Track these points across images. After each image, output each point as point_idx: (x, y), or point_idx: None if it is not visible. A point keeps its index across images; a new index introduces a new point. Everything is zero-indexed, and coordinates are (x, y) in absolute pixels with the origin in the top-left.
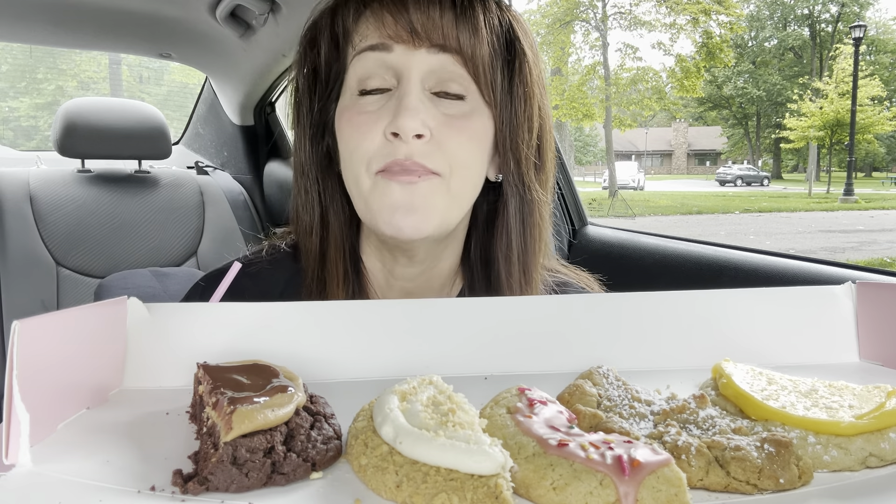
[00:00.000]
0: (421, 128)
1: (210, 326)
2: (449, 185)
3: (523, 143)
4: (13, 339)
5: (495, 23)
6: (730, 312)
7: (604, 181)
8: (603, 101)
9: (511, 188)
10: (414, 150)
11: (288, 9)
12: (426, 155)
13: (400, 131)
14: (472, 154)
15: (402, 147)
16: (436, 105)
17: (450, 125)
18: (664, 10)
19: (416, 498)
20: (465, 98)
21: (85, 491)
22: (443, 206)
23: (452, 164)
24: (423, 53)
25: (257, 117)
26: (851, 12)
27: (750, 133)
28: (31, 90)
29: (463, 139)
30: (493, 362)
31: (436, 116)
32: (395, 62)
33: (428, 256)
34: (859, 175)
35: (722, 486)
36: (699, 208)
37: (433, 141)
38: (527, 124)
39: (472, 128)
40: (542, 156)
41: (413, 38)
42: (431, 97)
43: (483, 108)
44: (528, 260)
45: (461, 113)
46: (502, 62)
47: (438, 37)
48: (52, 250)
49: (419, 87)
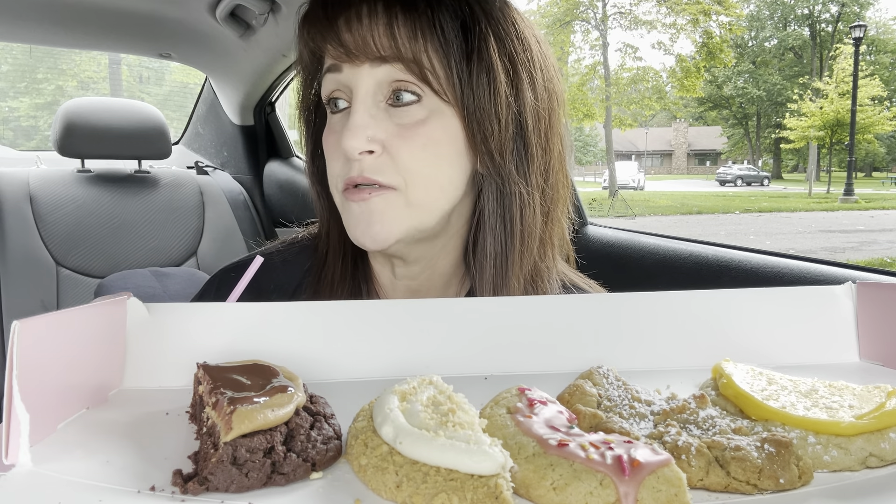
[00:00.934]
0: (366, 145)
1: (210, 326)
2: (406, 197)
3: (491, 136)
4: (13, 339)
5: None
6: (730, 312)
7: (604, 181)
8: (603, 101)
9: (490, 183)
10: (365, 167)
11: (288, 9)
12: (377, 170)
13: (345, 151)
14: (428, 162)
15: (355, 164)
16: (390, 116)
17: (402, 136)
18: (664, 10)
19: (416, 498)
20: (421, 100)
21: (85, 491)
22: (403, 216)
23: (406, 176)
24: (367, 68)
25: (257, 117)
26: (851, 12)
27: (750, 133)
28: (31, 90)
29: (416, 148)
30: (493, 362)
31: (387, 129)
32: (345, 80)
33: (421, 257)
34: (859, 175)
35: (722, 486)
36: (699, 208)
37: (385, 154)
38: (494, 116)
39: (428, 134)
40: (527, 146)
41: (350, 57)
42: (386, 108)
43: (442, 107)
44: (506, 258)
45: (415, 120)
46: (459, 55)
47: (373, 51)
48: (52, 250)
49: (369, 102)
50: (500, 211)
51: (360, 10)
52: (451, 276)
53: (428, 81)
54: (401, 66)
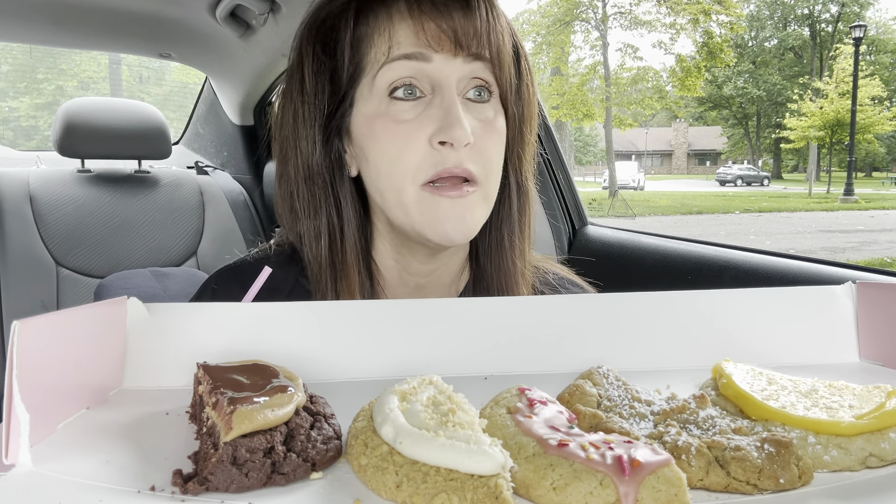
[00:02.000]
0: (471, 136)
1: (210, 326)
2: (486, 191)
3: (525, 138)
4: (13, 339)
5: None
6: (730, 312)
7: (604, 181)
8: (603, 101)
9: (514, 180)
10: (463, 157)
11: (288, 9)
12: (471, 160)
13: (454, 141)
14: (500, 155)
15: (452, 155)
16: (469, 110)
17: (485, 130)
18: (664, 10)
19: (416, 498)
20: (490, 99)
21: (85, 491)
22: (483, 211)
23: (488, 168)
24: (460, 62)
25: (257, 117)
26: (851, 12)
27: (750, 133)
28: (31, 90)
29: (496, 143)
30: (493, 362)
31: (472, 123)
32: (432, 71)
33: (447, 253)
34: (859, 175)
35: (722, 486)
36: (699, 208)
37: (475, 147)
38: (530, 123)
39: (500, 130)
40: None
41: (455, 47)
42: (464, 101)
43: (500, 108)
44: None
45: (490, 116)
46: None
47: (475, 45)
48: (52, 250)
49: (458, 95)
50: (518, 205)
51: (469, 5)
52: (456, 274)
53: (501, 83)
54: (489, 65)
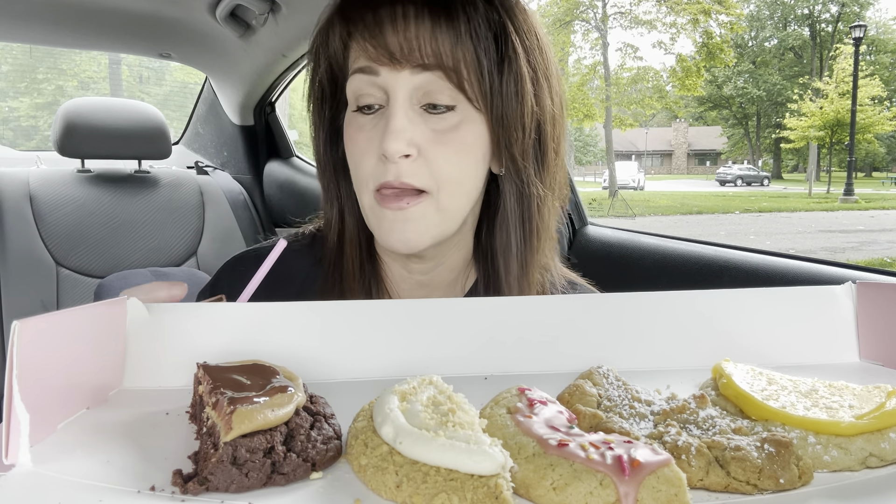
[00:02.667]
0: (406, 148)
1: (210, 326)
2: (438, 202)
3: (516, 142)
4: (13, 339)
5: (481, 24)
6: (730, 312)
7: (604, 181)
8: (603, 101)
9: (510, 184)
10: (402, 171)
11: (288, 9)
12: (413, 174)
13: (386, 153)
14: (460, 167)
15: (392, 168)
16: (425, 121)
17: (437, 140)
18: (664, 9)
19: (416, 498)
20: (455, 108)
21: (85, 491)
22: (434, 223)
23: (440, 181)
24: (407, 74)
25: (257, 117)
26: (851, 12)
27: (750, 133)
28: (31, 90)
29: (450, 153)
30: (493, 362)
31: (424, 133)
32: (382, 83)
33: (437, 255)
34: (859, 175)
35: (722, 486)
36: (699, 208)
37: (421, 158)
38: (519, 122)
39: (461, 139)
40: (544, 150)
41: (392, 62)
42: (421, 112)
43: (473, 114)
44: (526, 255)
45: (449, 126)
46: (490, 64)
47: (417, 57)
48: (52, 250)
49: (406, 106)
50: (520, 211)
51: (406, 14)
52: (459, 271)
53: (464, 90)
54: (441, 73)
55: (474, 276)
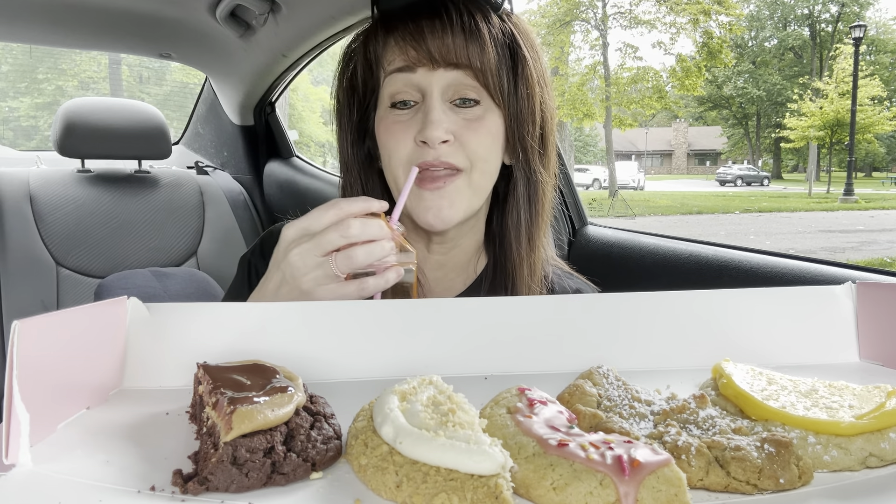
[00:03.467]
0: (445, 135)
1: (210, 326)
2: (470, 178)
3: (528, 135)
4: (13, 339)
5: (499, 35)
6: (730, 312)
7: (604, 181)
8: (603, 101)
9: (519, 172)
10: (440, 153)
11: (288, 9)
12: (450, 154)
13: (428, 140)
14: (488, 148)
15: (431, 151)
16: (456, 112)
17: (468, 127)
18: (664, 9)
19: (416, 498)
20: (480, 102)
21: (85, 491)
22: (467, 197)
23: (473, 159)
24: (441, 72)
25: (257, 117)
26: (851, 12)
27: (750, 133)
28: (31, 90)
29: (480, 137)
30: (493, 362)
31: (456, 122)
32: (418, 81)
33: (457, 235)
34: (859, 175)
35: (722, 486)
36: (699, 208)
37: (456, 143)
38: (530, 118)
39: (487, 127)
40: (545, 143)
41: (431, 62)
42: (451, 106)
43: (494, 108)
44: (532, 230)
45: (476, 116)
46: (507, 68)
47: (452, 58)
48: (52, 250)
49: (440, 101)
50: (527, 195)
51: (443, 23)
52: (472, 255)
53: (488, 87)
54: (469, 72)
55: (485, 260)
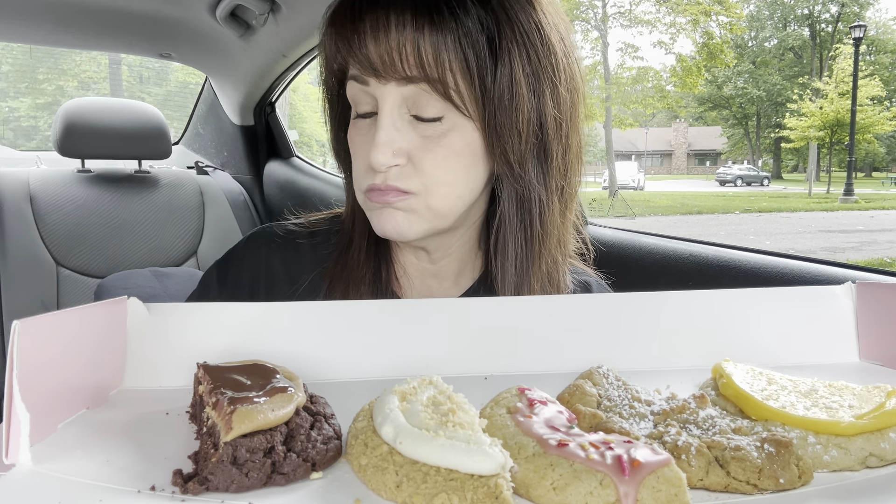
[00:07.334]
0: (392, 159)
1: (210, 326)
2: (426, 202)
3: (511, 149)
4: (13, 339)
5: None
6: (729, 312)
7: (604, 181)
8: (603, 101)
9: (507, 188)
10: (389, 176)
11: (288, 9)
12: (400, 178)
13: (373, 165)
14: (449, 171)
15: (379, 175)
16: (414, 128)
17: (425, 147)
18: (664, 9)
19: (416, 498)
20: (443, 118)
21: (85, 491)
22: (423, 217)
23: (427, 183)
24: (393, 86)
25: (257, 117)
26: (851, 12)
27: (750, 133)
28: (31, 90)
29: (438, 159)
30: (493, 362)
31: (412, 140)
32: (371, 91)
33: (441, 246)
34: (859, 175)
35: (722, 486)
36: (699, 208)
37: (409, 164)
38: (514, 128)
39: (449, 146)
40: (547, 152)
41: (377, 75)
42: (410, 119)
43: (462, 122)
44: (525, 259)
45: (438, 133)
46: (482, 69)
47: (400, 70)
48: (52, 250)
49: (394, 115)
50: (520, 215)
51: (387, 25)
52: (467, 262)
53: (451, 100)
54: (426, 85)
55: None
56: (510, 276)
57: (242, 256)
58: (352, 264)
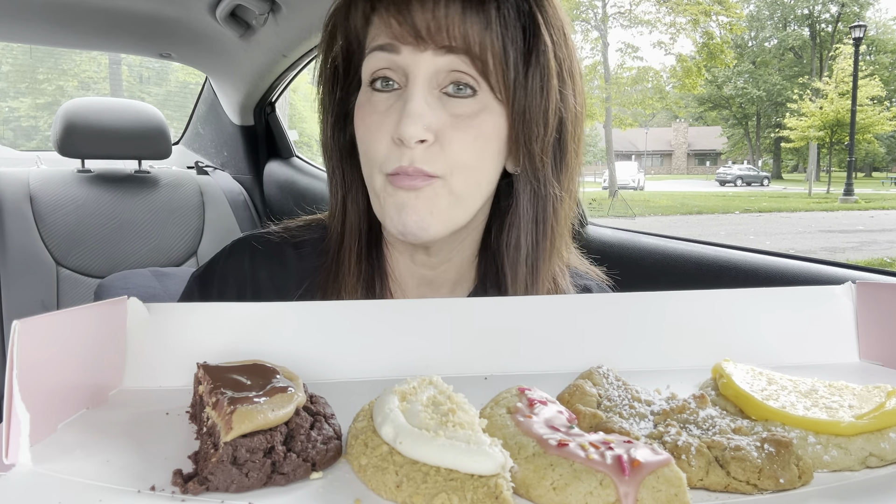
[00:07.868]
0: (423, 133)
1: (210, 326)
2: (451, 187)
3: (536, 139)
4: (13, 339)
5: (511, 15)
6: (730, 312)
7: (604, 181)
8: (603, 102)
9: (525, 183)
10: (416, 156)
11: (288, 9)
12: (427, 160)
13: (402, 138)
14: (476, 154)
15: (407, 153)
16: (444, 105)
17: (455, 126)
18: (664, 9)
19: (416, 498)
20: (476, 94)
21: (85, 491)
22: (446, 207)
23: (454, 166)
24: (430, 55)
25: (257, 117)
26: (851, 12)
27: (750, 133)
28: (31, 90)
29: (468, 140)
30: (493, 362)
31: (441, 117)
32: (402, 62)
33: (444, 248)
34: (859, 175)
35: (722, 486)
36: (699, 208)
37: (437, 143)
38: (542, 118)
39: (479, 127)
40: (563, 149)
41: (417, 41)
42: (440, 96)
43: (493, 104)
44: (537, 257)
45: (469, 112)
46: (517, 55)
47: (444, 38)
48: (52, 250)
49: (425, 89)
50: (533, 212)
51: None
52: (465, 271)
53: (487, 77)
54: (466, 58)
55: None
56: (521, 275)
57: (226, 269)
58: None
